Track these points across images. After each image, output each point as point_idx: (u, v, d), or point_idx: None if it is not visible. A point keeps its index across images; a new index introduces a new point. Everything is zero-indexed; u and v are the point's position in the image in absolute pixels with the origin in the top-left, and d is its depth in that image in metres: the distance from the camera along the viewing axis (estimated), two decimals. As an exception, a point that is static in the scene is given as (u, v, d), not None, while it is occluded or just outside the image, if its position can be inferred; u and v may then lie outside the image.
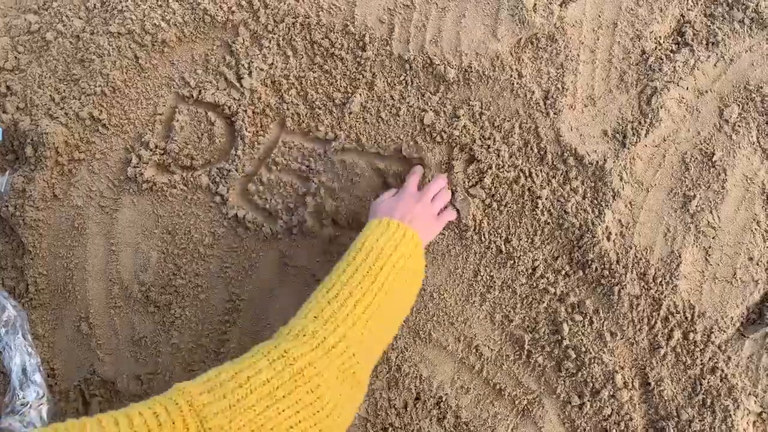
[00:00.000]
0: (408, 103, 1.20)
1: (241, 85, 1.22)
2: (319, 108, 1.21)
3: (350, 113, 1.21)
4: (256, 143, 1.21)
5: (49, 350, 1.21)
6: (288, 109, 1.22)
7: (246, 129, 1.21)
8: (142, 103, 1.24)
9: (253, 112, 1.22)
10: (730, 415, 1.11)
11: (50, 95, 1.24)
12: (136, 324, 1.20)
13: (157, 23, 1.24)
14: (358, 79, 1.21)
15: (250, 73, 1.22)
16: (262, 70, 1.23)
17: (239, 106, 1.22)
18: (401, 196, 1.06)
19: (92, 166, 1.23)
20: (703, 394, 1.12)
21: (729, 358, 1.13)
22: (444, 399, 1.14)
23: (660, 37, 1.23)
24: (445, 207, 1.14)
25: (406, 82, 1.21)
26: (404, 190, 1.08)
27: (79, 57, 1.25)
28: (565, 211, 1.16)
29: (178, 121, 1.22)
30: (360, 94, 1.21)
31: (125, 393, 1.18)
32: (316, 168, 1.20)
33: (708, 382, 1.12)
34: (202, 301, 1.19)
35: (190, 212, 1.20)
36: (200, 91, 1.23)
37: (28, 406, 1.08)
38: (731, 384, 1.12)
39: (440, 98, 1.20)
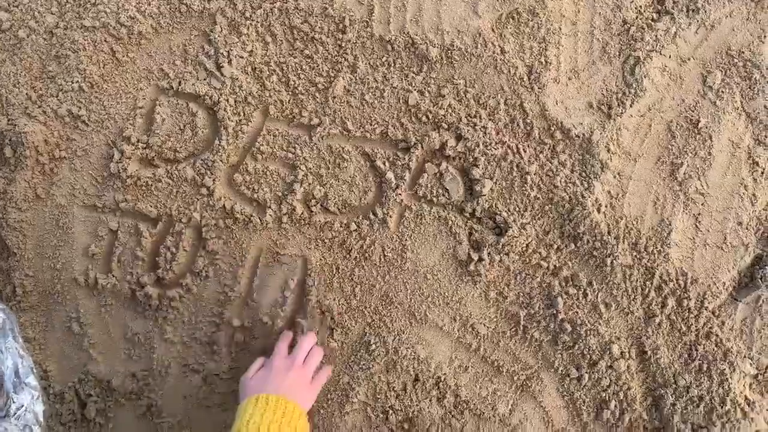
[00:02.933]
0: (392, 84, 1.19)
1: (222, 74, 1.20)
2: (302, 94, 1.20)
3: (334, 97, 1.19)
4: (239, 132, 1.20)
5: (41, 352, 1.19)
6: (270, 96, 1.20)
7: (229, 118, 1.19)
8: (122, 98, 1.22)
9: (235, 101, 1.20)
10: (727, 378, 1.12)
11: (27, 93, 1.21)
12: (128, 321, 1.18)
13: (133, 15, 1.21)
14: (340, 62, 1.20)
15: (229, 62, 1.20)
16: (241, 57, 1.21)
17: (221, 95, 1.20)
18: (271, 365, 1.04)
19: (74, 164, 1.20)
20: (699, 359, 1.13)
21: (723, 322, 1.14)
22: (443, 379, 1.14)
23: (640, 6, 1.23)
24: (319, 367, 1.10)
25: (388, 64, 1.20)
26: (274, 358, 1.05)
27: (54, 53, 1.23)
28: (554, 185, 1.16)
29: (159, 113, 1.20)
30: (343, 78, 1.19)
31: (121, 391, 1.16)
32: (302, 155, 1.19)
33: (703, 348, 1.13)
34: (194, 295, 1.17)
35: (177, 206, 1.18)
36: (180, 82, 1.21)
37: (24, 408, 1.06)
38: (726, 348, 1.13)
39: (424, 78, 1.19)
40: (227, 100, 1.20)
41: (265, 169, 1.19)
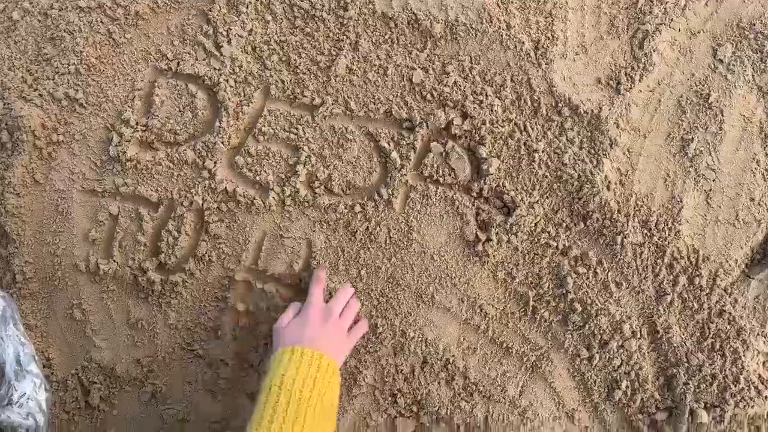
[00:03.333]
0: (395, 62, 1.17)
1: (221, 54, 1.18)
2: (304, 73, 1.17)
3: (336, 76, 1.17)
4: (240, 113, 1.17)
5: (42, 340, 1.17)
6: (271, 75, 1.17)
7: (229, 99, 1.17)
8: (119, 80, 1.19)
9: (235, 82, 1.17)
10: (740, 357, 1.10)
11: (22, 77, 1.19)
12: (131, 307, 1.16)
13: (129, -5, 1.19)
14: (342, 40, 1.17)
15: (229, 41, 1.18)
16: (241, 37, 1.18)
17: (220, 75, 1.17)
18: (306, 314, 1.01)
19: (72, 148, 1.18)
20: (711, 338, 1.11)
21: (736, 300, 1.12)
22: (451, 361, 1.12)
23: (649, -22, 1.19)
24: (355, 320, 1.09)
25: (391, 41, 1.17)
26: (309, 306, 1.03)
27: (50, 35, 1.20)
28: (562, 162, 1.14)
29: (157, 95, 1.18)
30: (345, 56, 1.17)
31: (125, 378, 1.15)
32: (305, 135, 1.17)
33: (716, 326, 1.11)
34: (197, 280, 1.15)
35: (178, 189, 1.16)
36: (179, 63, 1.18)
37: (26, 396, 1.05)
38: (739, 326, 1.11)
39: (428, 55, 1.17)
40: (227, 81, 1.17)
41: (267, 151, 1.16)
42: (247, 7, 1.18)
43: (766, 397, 1.09)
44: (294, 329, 0.99)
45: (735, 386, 1.09)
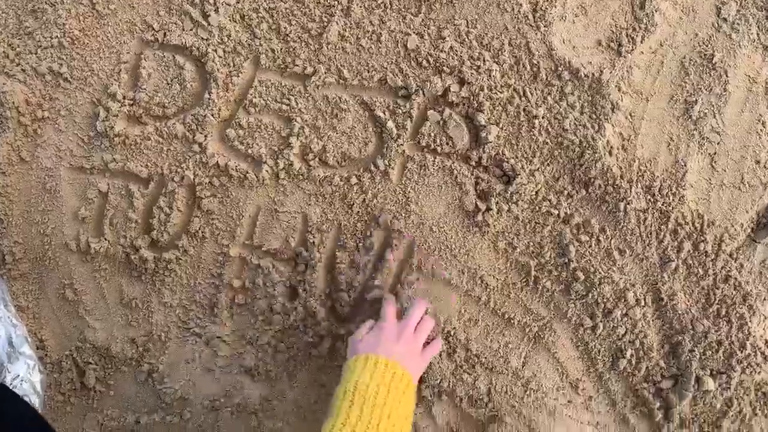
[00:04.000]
0: (389, 27, 1.13)
1: (209, 24, 1.14)
2: (294, 41, 1.13)
3: (328, 44, 1.13)
4: (230, 85, 1.14)
5: (35, 321, 1.15)
6: (261, 45, 1.14)
7: (218, 70, 1.13)
8: (105, 53, 1.15)
9: (224, 52, 1.14)
10: (746, 322, 1.08)
11: (3, 51, 1.15)
12: (124, 286, 1.14)
13: (111, -37, 1.14)
14: (333, 6, 1.13)
15: (216, 10, 1.14)
16: (229, 5, 1.14)
17: (208, 46, 1.13)
18: (380, 330, 0.98)
19: (58, 124, 1.15)
20: (717, 304, 1.09)
21: (741, 265, 1.10)
22: (452, 333, 1.10)
23: (650, -66, 1.15)
24: (430, 338, 1.06)
25: (384, 5, 1.13)
26: (383, 323, 1.00)
27: (31, 8, 1.16)
28: (563, 128, 1.11)
29: (144, 68, 1.14)
30: (336, 23, 1.13)
31: (120, 358, 1.13)
32: (297, 106, 1.13)
33: (722, 292, 1.09)
34: (192, 257, 1.13)
35: (168, 164, 1.13)
36: (165, 33, 1.14)
37: (19, 378, 1.03)
38: (745, 291, 1.09)
39: (423, 20, 1.13)
40: (215, 51, 1.13)
41: (259, 123, 1.13)
42: (235, -26, 1.14)
43: (773, 362, 1.08)
44: (369, 341, 0.97)
45: (741, 352, 1.07)
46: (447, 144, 1.12)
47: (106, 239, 1.13)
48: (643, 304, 1.09)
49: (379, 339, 0.96)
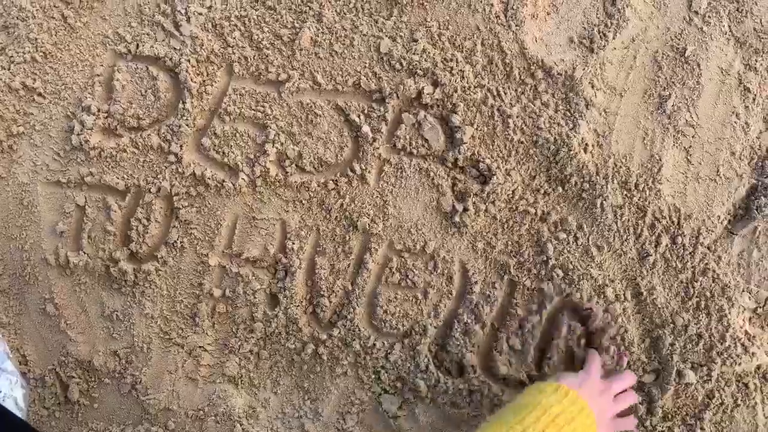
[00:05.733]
0: (361, 31, 1.13)
1: (181, 33, 1.14)
2: (267, 48, 1.14)
3: (301, 50, 1.13)
4: (204, 94, 1.14)
5: (17, 337, 1.15)
6: (234, 53, 1.14)
7: (192, 80, 1.13)
8: (78, 66, 1.15)
9: (197, 61, 1.14)
10: (726, 314, 1.08)
11: (-24, 68, 1.15)
12: (104, 299, 1.14)
13: (81, -24, 1.14)
14: (305, 11, 1.13)
15: (188, 19, 1.14)
16: (200, 14, 1.14)
17: (181, 56, 1.13)
18: (584, 380, 0.95)
19: (33, 139, 1.14)
20: (696, 297, 1.09)
21: (719, 257, 1.10)
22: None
23: (619, -70, 1.15)
24: (627, 411, 1.01)
25: (356, 9, 1.13)
26: (586, 375, 0.97)
27: (2, 23, 1.15)
28: (538, 127, 1.11)
29: (118, 80, 1.14)
30: (309, 28, 1.13)
31: (103, 371, 1.13)
32: (272, 113, 1.13)
33: (700, 285, 1.09)
34: (171, 267, 1.13)
35: (144, 175, 1.13)
36: (138, 45, 1.14)
37: (2, 395, 1.03)
38: (724, 283, 1.09)
39: (395, 23, 1.13)
40: (188, 61, 1.13)
41: (234, 131, 1.13)
42: (205, -17, 1.14)
43: (753, 354, 1.08)
44: (568, 378, 0.94)
45: (721, 344, 1.08)
46: (423, 146, 1.12)
47: (84, 253, 1.13)
48: (622, 299, 1.09)
49: (581, 384, 0.93)
